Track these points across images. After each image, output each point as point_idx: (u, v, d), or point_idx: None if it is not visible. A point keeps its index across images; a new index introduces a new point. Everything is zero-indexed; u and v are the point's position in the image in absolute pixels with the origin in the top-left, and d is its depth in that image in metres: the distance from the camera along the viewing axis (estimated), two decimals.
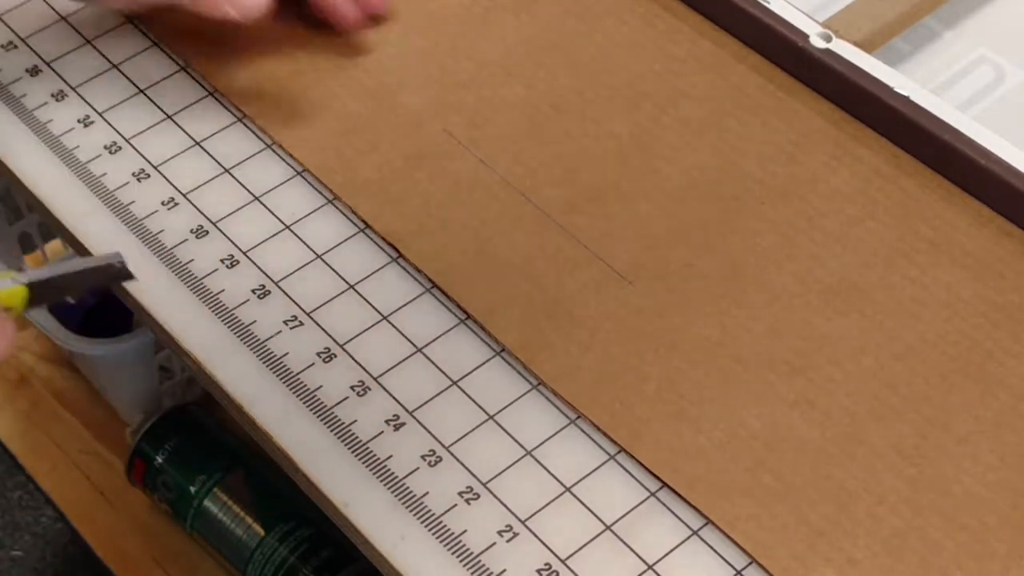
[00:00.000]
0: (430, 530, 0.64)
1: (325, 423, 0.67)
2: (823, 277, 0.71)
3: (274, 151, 0.77)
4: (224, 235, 0.74)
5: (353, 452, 0.66)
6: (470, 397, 0.68)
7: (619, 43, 0.80)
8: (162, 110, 0.79)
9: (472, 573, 0.63)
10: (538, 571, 0.63)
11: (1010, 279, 0.70)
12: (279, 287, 0.72)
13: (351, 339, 0.70)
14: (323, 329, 0.70)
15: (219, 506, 0.98)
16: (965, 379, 0.67)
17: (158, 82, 0.80)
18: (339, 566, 0.94)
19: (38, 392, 1.13)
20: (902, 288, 0.70)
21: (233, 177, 0.76)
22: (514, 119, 0.77)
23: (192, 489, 0.99)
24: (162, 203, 0.75)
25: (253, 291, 0.72)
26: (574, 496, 0.65)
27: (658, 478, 0.65)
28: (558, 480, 0.66)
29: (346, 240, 0.74)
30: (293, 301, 0.71)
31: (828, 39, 0.77)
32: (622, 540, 0.64)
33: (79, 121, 0.79)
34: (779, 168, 0.75)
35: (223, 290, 0.72)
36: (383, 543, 0.64)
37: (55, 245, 1.14)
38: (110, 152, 0.77)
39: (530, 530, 0.64)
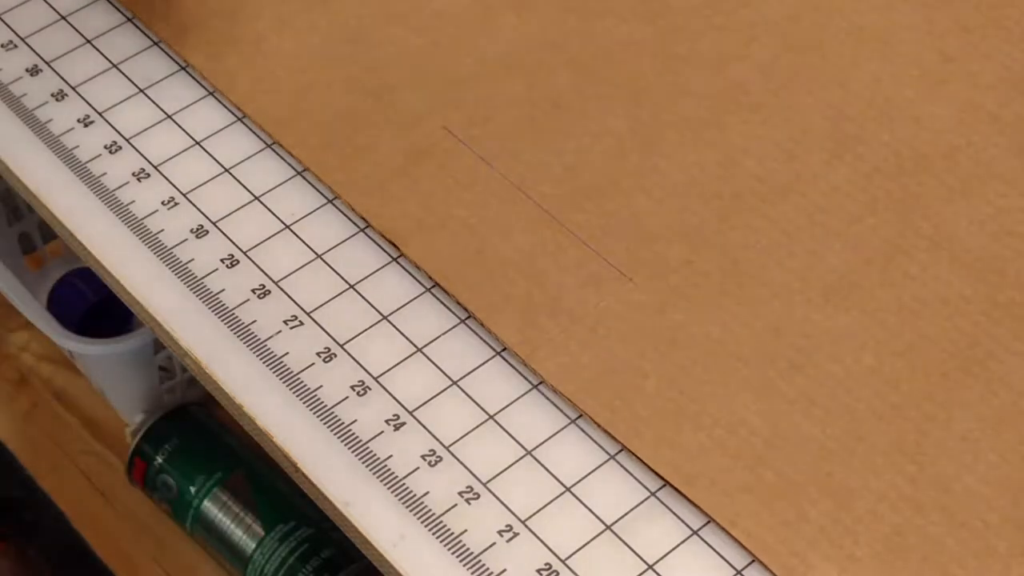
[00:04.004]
0: (430, 530, 0.64)
1: (325, 423, 0.67)
2: (824, 274, 0.71)
3: (274, 151, 0.77)
4: (224, 235, 0.74)
5: (353, 452, 0.66)
6: (470, 397, 0.68)
7: (619, 40, 0.80)
8: (162, 110, 0.79)
9: (472, 573, 0.63)
10: (538, 571, 0.63)
11: (1010, 277, 0.70)
12: (279, 287, 0.72)
13: (351, 339, 0.70)
14: (323, 329, 0.70)
15: (219, 506, 0.98)
16: (966, 377, 0.67)
17: (158, 82, 0.80)
18: (339, 566, 0.94)
19: (38, 392, 1.12)
20: (903, 286, 0.70)
21: (233, 177, 0.76)
22: (514, 116, 0.77)
23: (192, 489, 0.99)
24: (162, 203, 0.75)
25: (253, 291, 0.72)
26: (574, 496, 0.65)
27: (658, 475, 0.65)
28: (558, 480, 0.66)
29: (346, 240, 0.74)
30: (293, 301, 0.71)
31: None
32: (622, 540, 0.64)
33: (79, 121, 0.79)
34: (779, 165, 0.75)
35: (223, 290, 0.72)
36: (383, 543, 0.64)
37: (55, 245, 1.14)
38: (110, 152, 0.77)
39: (530, 530, 0.64)
